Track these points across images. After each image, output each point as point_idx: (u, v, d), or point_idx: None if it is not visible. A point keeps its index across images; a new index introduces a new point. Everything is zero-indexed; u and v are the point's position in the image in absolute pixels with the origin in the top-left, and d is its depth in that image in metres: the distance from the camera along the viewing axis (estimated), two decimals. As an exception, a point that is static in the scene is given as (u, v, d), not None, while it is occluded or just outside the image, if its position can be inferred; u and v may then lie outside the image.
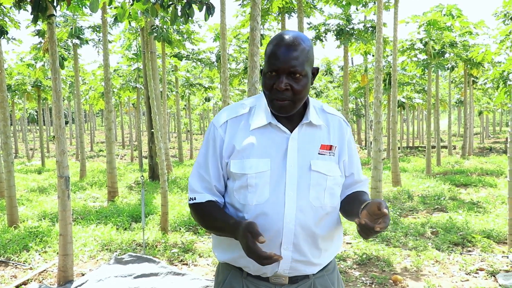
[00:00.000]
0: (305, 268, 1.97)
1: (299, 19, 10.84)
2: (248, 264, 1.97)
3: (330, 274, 2.09)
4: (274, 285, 1.99)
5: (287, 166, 1.92)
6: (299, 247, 1.92)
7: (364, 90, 22.56)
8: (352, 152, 2.09)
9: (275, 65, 1.85)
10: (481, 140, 35.51)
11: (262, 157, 1.92)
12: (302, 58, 1.86)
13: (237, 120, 2.00)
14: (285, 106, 1.89)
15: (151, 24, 10.25)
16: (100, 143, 37.69)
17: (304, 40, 1.90)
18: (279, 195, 1.90)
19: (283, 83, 1.84)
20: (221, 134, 1.98)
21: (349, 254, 6.30)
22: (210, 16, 4.59)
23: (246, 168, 1.92)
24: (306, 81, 1.89)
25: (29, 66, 16.96)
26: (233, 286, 2.04)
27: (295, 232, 1.90)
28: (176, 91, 20.71)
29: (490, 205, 9.39)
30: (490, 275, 5.43)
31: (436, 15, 12.99)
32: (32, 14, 4.67)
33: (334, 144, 2.00)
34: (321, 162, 1.95)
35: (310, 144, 1.96)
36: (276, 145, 1.94)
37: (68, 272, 5.19)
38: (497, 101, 13.79)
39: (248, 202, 1.92)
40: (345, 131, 2.07)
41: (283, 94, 1.86)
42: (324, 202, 1.95)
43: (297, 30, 2.07)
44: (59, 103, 5.10)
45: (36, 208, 9.55)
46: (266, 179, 1.91)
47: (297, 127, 1.96)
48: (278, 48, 1.86)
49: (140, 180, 13.62)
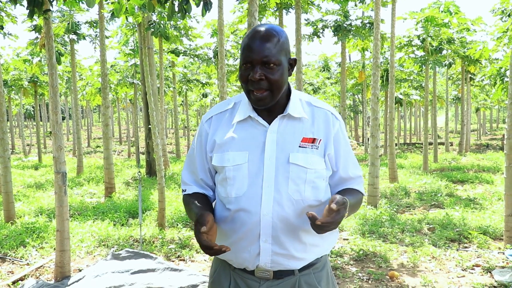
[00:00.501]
0: (287, 262, 1.97)
1: (297, 15, 10.83)
2: (231, 257, 2.03)
3: (318, 272, 2.07)
4: (260, 279, 2.00)
5: (265, 159, 1.94)
6: (279, 240, 1.94)
7: (361, 86, 22.59)
8: (340, 146, 2.05)
9: (249, 57, 1.88)
10: (478, 136, 35.54)
11: (240, 150, 1.97)
12: (275, 49, 1.88)
13: (221, 115, 2.07)
14: (263, 98, 1.90)
15: (148, 20, 10.24)
16: (97, 139, 37.65)
17: (278, 31, 1.93)
18: (257, 188, 1.93)
19: (257, 73, 1.87)
20: (206, 129, 2.07)
21: (346, 250, 6.31)
22: (207, 12, 4.58)
23: (225, 161, 1.98)
24: (282, 71, 1.90)
25: (26, 62, 16.92)
26: (221, 278, 2.10)
27: (273, 224, 1.92)
28: (174, 87, 20.69)
29: (487, 202, 9.41)
30: (486, 271, 5.45)
31: (434, 12, 13.00)
32: (28, 9, 4.65)
33: (318, 137, 1.99)
34: (302, 155, 1.94)
35: (291, 137, 1.97)
36: (254, 138, 1.97)
37: (65, 268, 5.18)
38: (494, 98, 13.82)
39: (228, 195, 1.98)
40: (333, 124, 2.03)
41: (259, 84, 1.88)
42: (305, 195, 1.95)
43: (275, 24, 2.10)
44: (56, 99, 5.08)
45: (33, 204, 9.53)
46: (244, 172, 1.95)
47: (274, 120, 1.98)
48: (252, 40, 1.89)
49: (137, 176, 13.62)
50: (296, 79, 10.57)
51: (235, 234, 1.98)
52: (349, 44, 15.75)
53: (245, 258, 1.98)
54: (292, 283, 2.01)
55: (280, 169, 1.93)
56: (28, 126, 41.74)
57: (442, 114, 46.49)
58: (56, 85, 5.07)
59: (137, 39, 14.44)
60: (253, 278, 2.01)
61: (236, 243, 1.98)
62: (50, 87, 5.08)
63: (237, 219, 1.96)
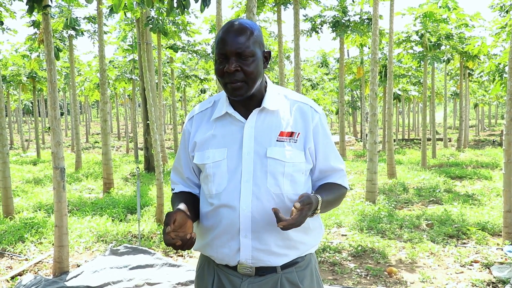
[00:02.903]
0: (268, 258, 1.96)
1: (295, 11, 10.81)
2: (213, 253, 2.04)
3: (301, 270, 2.05)
4: (242, 275, 2.00)
5: (243, 154, 1.95)
6: (259, 235, 1.94)
7: (360, 82, 22.55)
8: (320, 140, 2.04)
9: (223, 49, 1.90)
10: (476, 132, 35.57)
11: (219, 147, 1.99)
12: (249, 41, 1.90)
13: (202, 114, 2.10)
14: (238, 88, 1.91)
15: (147, 15, 10.21)
16: (96, 134, 37.60)
17: (250, 24, 1.95)
18: (236, 183, 1.94)
19: (232, 64, 1.88)
20: (189, 128, 2.11)
21: (344, 246, 6.32)
22: (206, 8, 4.57)
23: (205, 158, 2.00)
24: (257, 62, 1.92)
25: (24, 57, 16.90)
26: (205, 273, 2.11)
27: (252, 219, 1.92)
28: (172, 82, 20.67)
29: (485, 198, 9.42)
30: (484, 267, 5.46)
31: (432, 7, 12.97)
32: (27, 5, 4.64)
33: (296, 131, 1.99)
34: (279, 149, 1.95)
35: (268, 131, 1.98)
36: (232, 134, 1.99)
37: (64, 263, 5.19)
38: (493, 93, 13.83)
39: (210, 191, 2.00)
40: (311, 118, 2.03)
41: (234, 76, 1.89)
42: (284, 189, 1.95)
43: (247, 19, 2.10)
44: (55, 94, 5.08)
45: (31, 199, 9.53)
46: (223, 168, 1.97)
47: (250, 114, 1.99)
48: (226, 33, 1.91)
49: (135, 172, 13.61)
50: (295, 75, 10.56)
51: (216, 230, 1.99)
52: (348, 39, 15.77)
53: (226, 253, 1.98)
54: (274, 281, 2.00)
55: (258, 163, 1.94)
56: (26, 121, 41.68)
57: (440, 110, 46.47)
58: (54, 81, 5.06)
59: (135, 34, 14.43)
60: (235, 274, 2.01)
61: (217, 238, 1.99)
62: (48, 82, 5.07)
63: (218, 215, 1.97)
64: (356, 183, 11.41)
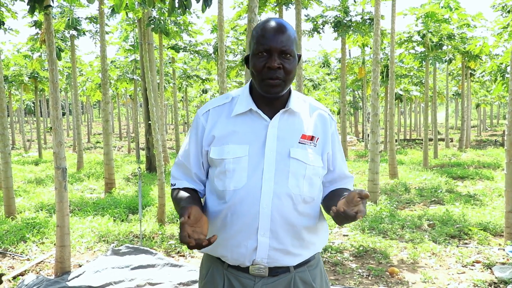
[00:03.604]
0: (284, 258, 1.95)
1: (297, 11, 10.81)
2: (226, 253, 2.00)
3: (312, 269, 2.06)
4: (254, 277, 1.98)
5: (266, 152, 1.93)
6: (277, 234, 1.92)
7: (361, 82, 22.55)
8: (336, 147, 2.09)
9: (267, 45, 1.88)
10: (478, 132, 35.52)
11: (240, 143, 1.96)
12: (290, 40, 1.91)
13: (219, 109, 2.05)
14: (277, 85, 1.91)
15: (149, 16, 10.22)
16: (97, 134, 37.64)
17: (290, 25, 1.97)
18: (257, 180, 1.92)
19: (276, 61, 1.88)
20: (203, 123, 2.04)
21: (346, 246, 6.32)
22: (207, 8, 4.57)
23: (224, 153, 1.96)
24: (295, 63, 1.94)
25: (26, 57, 16.91)
26: (215, 278, 2.06)
27: (272, 218, 1.91)
28: (174, 82, 20.67)
29: (487, 198, 9.41)
30: (486, 268, 5.45)
31: (434, 7, 12.97)
32: (28, 5, 4.64)
33: (316, 135, 2.01)
34: (301, 151, 1.95)
35: (291, 132, 1.98)
36: (255, 131, 1.97)
37: (65, 263, 5.19)
38: (495, 93, 13.81)
39: (226, 188, 1.95)
40: (329, 125, 2.07)
41: (276, 73, 1.89)
42: (303, 190, 1.95)
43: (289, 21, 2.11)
44: (56, 94, 5.08)
45: (33, 199, 9.54)
46: (244, 164, 1.93)
47: (277, 114, 1.98)
48: (269, 29, 1.90)
49: (137, 172, 13.62)
50: (296, 75, 10.56)
51: (231, 229, 1.95)
52: (349, 40, 15.75)
53: (242, 253, 1.95)
54: (288, 281, 1.99)
55: (280, 163, 1.93)
56: (28, 121, 41.72)
57: (442, 110, 46.43)
58: (56, 81, 5.07)
59: (137, 34, 14.44)
60: (247, 276, 1.98)
61: (232, 237, 1.95)
62: (50, 82, 5.07)
63: (235, 212, 1.94)
64: (357, 183, 11.40)
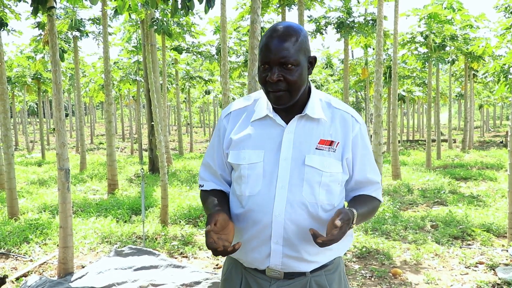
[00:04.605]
0: (298, 265, 1.94)
1: (300, 12, 10.81)
2: (242, 257, 2.01)
3: (330, 274, 2.03)
4: (270, 278, 1.97)
5: (280, 160, 1.90)
6: (291, 242, 1.90)
7: (364, 83, 22.49)
8: (358, 150, 1.99)
9: (267, 57, 1.85)
10: (481, 133, 35.48)
11: (256, 149, 1.93)
12: (293, 48, 1.84)
13: (240, 111, 2.04)
14: (281, 97, 1.87)
15: (151, 17, 10.23)
16: (100, 135, 37.66)
17: (297, 30, 1.88)
18: (271, 187, 1.90)
19: (275, 74, 1.83)
20: (225, 125, 2.04)
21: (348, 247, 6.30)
22: (210, 9, 4.57)
23: (240, 159, 1.95)
24: (300, 71, 1.86)
25: (29, 58, 16.92)
26: (233, 276, 2.08)
27: (285, 226, 1.89)
28: (176, 84, 20.70)
29: (490, 199, 9.39)
30: (489, 269, 5.44)
31: (437, 8, 12.95)
32: (32, 6, 4.65)
33: (336, 140, 1.94)
34: (318, 157, 1.90)
35: (308, 138, 1.93)
36: (271, 137, 1.94)
37: (68, 264, 5.20)
38: (498, 94, 13.78)
39: (242, 193, 1.95)
40: (351, 127, 1.97)
41: (277, 85, 1.85)
42: (319, 198, 1.91)
43: (293, 22, 2.04)
44: (59, 96, 5.09)
45: (36, 200, 9.55)
46: (259, 170, 1.91)
47: (292, 120, 1.94)
48: (270, 40, 1.85)
49: (140, 173, 13.62)
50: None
51: (246, 233, 1.95)
52: (352, 40, 15.72)
53: (255, 258, 1.95)
54: (303, 284, 1.98)
55: (295, 170, 1.89)
56: (31, 122, 41.82)
57: (445, 111, 46.37)
58: (59, 82, 5.07)
59: (140, 36, 14.44)
60: (264, 278, 1.98)
61: (247, 242, 1.95)
62: (53, 83, 5.08)
63: (249, 218, 1.93)
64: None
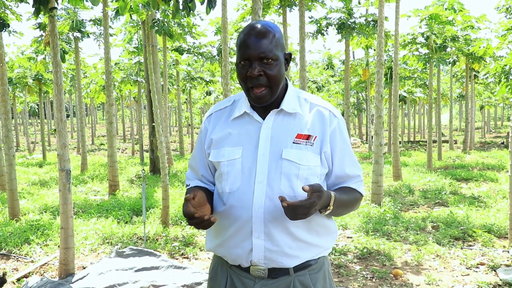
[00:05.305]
0: (280, 259, 1.95)
1: (300, 13, 10.82)
2: (226, 253, 2.04)
3: (313, 273, 2.03)
4: (255, 277, 1.99)
5: (258, 155, 1.95)
6: (272, 236, 1.93)
7: (365, 84, 22.52)
8: (337, 145, 2.01)
9: (246, 53, 1.89)
10: (482, 134, 35.47)
11: (235, 146, 1.99)
12: (272, 44, 1.89)
13: (220, 112, 2.11)
14: (263, 95, 1.92)
15: (152, 18, 10.23)
16: (101, 136, 37.67)
17: (272, 27, 1.94)
18: (250, 183, 1.94)
19: (256, 69, 1.88)
20: (206, 126, 2.11)
21: (349, 248, 6.31)
22: (211, 10, 4.57)
23: (220, 156, 2.00)
24: (279, 66, 1.92)
25: (30, 59, 16.96)
26: (219, 275, 2.11)
27: (265, 220, 1.91)
28: (177, 85, 20.70)
29: (491, 200, 9.38)
30: (490, 270, 5.44)
31: (438, 9, 12.96)
32: (33, 7, 4.66)
33: (313, 134, 1.97)
34: (295, 151, 1.93)
35: (285, 133, 1.97)
36: (249, 134, 1.99)
37: (69, 265, 5.20)
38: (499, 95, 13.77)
39: (224, 190, 2.00)
40: (330, 122, 2.00)
41: (258, 80, 1.89)
42: (298, 191, 1.93)
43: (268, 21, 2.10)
44: (60, 97, 5.09)
45: (37, 201, 9.55)
46: (238, 166, 1.96)
47: (268, 115, 1.99)
48: (248, 37, 1.90)
49: (141, 174, 13.63)
50: (300, 77, 10.57)
51: (229, 230, 1.99)
52: (353, 41, 15.73)
53: (238, 254, 1.98)
54: (287, 283, 1.99)
55: (273, 164, 1.93)
56: (32, 123, 41.81)
57: (446, 112, 46.37)
58: (60, 83, 5.08)
59: (141, 37, 14.47)
60: (248, 276, 2.01)
61: (230, 238, 1.99)
62: (54, 84, 5.08)
63: (231, 214, 1.97)
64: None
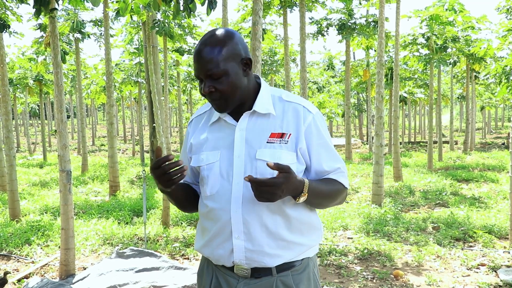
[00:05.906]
0: (261, 258, 1.96)
1: (301, 13, 10.82)
2: (209, 254, 2.07)
3: (297, 274, 2.03)
4: (238, 276, 2.02)
5: (234, 157, 1.97)
6: (251, 237, 1.94)
7: (366, 85, 22.51)
8: (313, 140, 1.99)
9: (196, 71, 1.93)
10: (483, 135, 35.46)
11: (213, 150, 2.03)
12: (219, 58, 1.88)
13: (200, 117, 2.16)
14: (221, 106, 1.95)
15: (153, 18, 10.24)
16: (102, 137, 37.69)
17: (223, 38, 1.91)
18: (228, 185, 1.97)
19: (206, 87, 1.91)
20: (188, 131, 2.17)
21: (350, 249, 6.31)
22: (212, 11, 4.58)
23: (200, 161, 2.05)
24: (230, 79, 1.90)
25: (31, 60, 16.95)
26: (205, 273, 2.16)
27: (244, 221, 1.94)
28: (178, 85, 20.69)
29: (492, 201, 9.38)
30: (491, 271, 5.44)
31: (439, 10, 12.96)
32: (34, 8, 4.66)
33: (287, 132, 1.96)
34: (268, 151, 1.94)
35: (259, 134, 1.98)
36: (224, 137, 2.02)
37: (70, 266, 5.20)
38: (499, 96, 13.78)
39: (205, 193, 2.05)
40: (304, 118, 1.98)
41: (211, 96, 1.93)
42: None
43: (223, 28, 2.04)
44: (61, 97, 5.10)
45: (38, 202, 9.56)
46: (216, 170, 2.00)
47: (241, 118, 2.00)
48: (197, 53, 1.92)
49: (141, 175, 13.63)
50: (301, 78, 10.57)
51: (211, 231, 2.02)
52: (354, 42, 15.76)
53: (221, 255, 2.00)
54: (269, 284, 2.00)
55: (248, 165, 1.94)
56: (33, 124, 41.82)
57: (447, 113, 46.41)
58: (61, 84, 5.08)
59: (141, 37, 14.45)
60: (232, 275, 2.03)
61: (213, 240, 2.02)
62: (55, 85, 5.09)
63: (212, 216, 2.00)
64: (362, 186, 11.38)
